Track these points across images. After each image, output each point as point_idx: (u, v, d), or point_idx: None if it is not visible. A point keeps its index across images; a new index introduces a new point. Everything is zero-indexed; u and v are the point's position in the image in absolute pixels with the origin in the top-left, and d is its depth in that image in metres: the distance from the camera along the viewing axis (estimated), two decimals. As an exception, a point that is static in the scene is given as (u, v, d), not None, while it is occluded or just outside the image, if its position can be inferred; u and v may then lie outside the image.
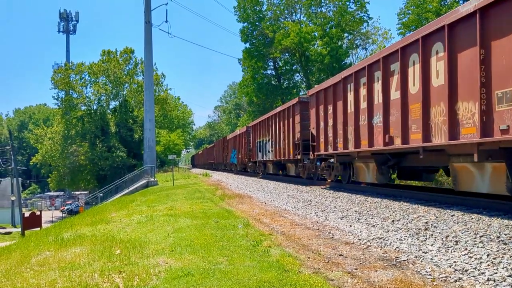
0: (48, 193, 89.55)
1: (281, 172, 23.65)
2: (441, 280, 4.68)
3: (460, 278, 4.66)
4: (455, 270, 4.94)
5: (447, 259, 5.33)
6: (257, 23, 47.98)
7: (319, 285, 4.65)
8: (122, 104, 52.74)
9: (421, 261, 5.43)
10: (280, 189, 16.94)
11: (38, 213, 36.42)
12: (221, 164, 45.33)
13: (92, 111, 53.18)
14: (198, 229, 8.67)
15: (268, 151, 23.16)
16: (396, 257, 5.72)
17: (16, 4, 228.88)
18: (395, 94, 10.06)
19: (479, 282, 4.49)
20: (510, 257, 5.04)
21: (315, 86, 16.74)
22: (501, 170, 7.39)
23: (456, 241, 6.02)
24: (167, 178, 34.10)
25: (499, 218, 7.06)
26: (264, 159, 24.38)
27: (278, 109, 21.44)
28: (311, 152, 16.22)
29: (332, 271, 5.19)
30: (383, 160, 11.71)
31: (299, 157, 17.70)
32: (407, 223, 7.59)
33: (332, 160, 14.89)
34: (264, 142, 24.25)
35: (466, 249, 5.60)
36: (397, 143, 9.89)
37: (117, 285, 5.18)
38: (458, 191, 9.22)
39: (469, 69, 7.49)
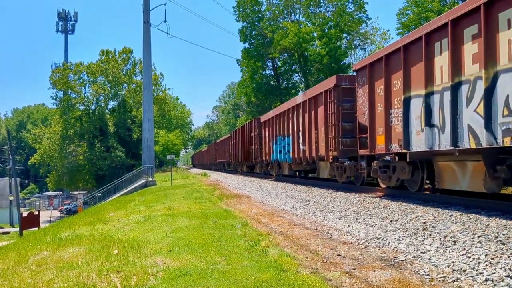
0: (47, 193, 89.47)
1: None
2: (439, 280, 4.68)
3: (458, 278, 4.66)
4: (453, 270, 4.94)
5: (445, 259, 5.32)
6: (256, 23, 47.97)
7: (317, 285, 4.64)
8: (120, 104, 52.69)
9: (419, 261, 5.42)
10: (278, 189, 16.92)
11: (36, 213, 36.28)
12: (243, 164, 32.22)
13: (91, 111, 53.10)
14: (196, 229, 8.66)
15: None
16: (394, 257, 5.72)
17: (14, 4, 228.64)
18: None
19: (477, 282, 4.49)
20: (508, 257, 5.04)
21: None
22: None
23: (454, 241, 6.02)
24: (165, 178, 34.06)
25: (497, 218, 7.06)
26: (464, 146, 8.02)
27: None
28: None
29: (330, 271, 5.18)
30: None
31: None
32: (405, 223, 7.59)
33: None
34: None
35: (464, 249, 5.60)
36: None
37: (114, 285, 5.16)
38: (459, 191, 9.27)
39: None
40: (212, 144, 56.99)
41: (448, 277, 4.72)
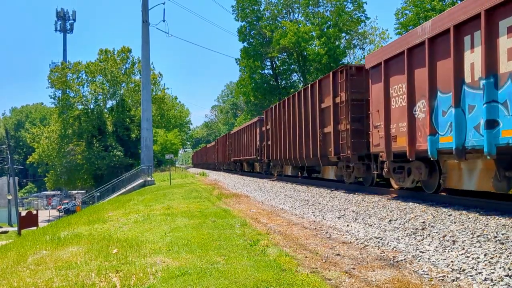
0: (45, 192, 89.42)
1: None
2: (439, 280, 4.68)
3: (457, 278, 4.66)
4: (453, 269, 4.94)
5: (445, 259, 5.33)
6: (255, 23, 47.99)
7: (317, 285, 4.64)
8: (119, 104, 52.60)
9: (419, 261, 5.43)
10: (277, 188, 16.92)
11: (34, 212, 36.29)
12: (289, 163, 19.19)
13: (89, 110, 53.04)
14: (195, 228, 8.65)
15: None
16: (393, 256, 5.72)
17: (13, 3, 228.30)
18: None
19: (477, 282, 4.49)
20: (507, 256, 5.05)
21: None
22: None
23: (453, 241, 6.02)
24: (164, 178, 34.03)
25: (496, 218, 7.07)
26: None
27: None
28: None
29: (329, 271, 5.18)
30: None
31: None
32: (404, 223, 7.59)
33: None
34: None
35: (463, 248, 5.60)
36: None
37: (114, 285, 5.15)
38: (457, 191, 9.31)
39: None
40: (224, 136, 42.52)
41: (447, 277, 4.73)
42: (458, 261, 5.15)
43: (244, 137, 30.65)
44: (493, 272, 4.66)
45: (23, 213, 36.17)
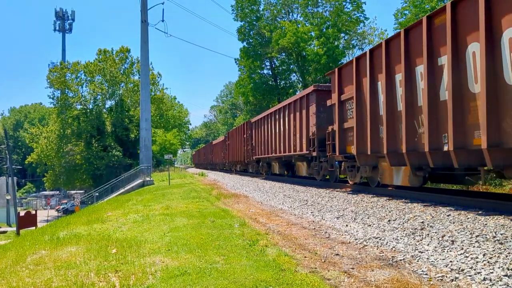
0: (44, 192, 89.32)
1: None
2: (438, 280, 4.69)
3: (456, 278, 4.67)
4: (452, 269, 4.95)
5: (443, 259, 5.34)
6: (254, 23, 48.00)
7: (316, 285, 4.65)
8: (118, 104, 52.63)
9: (418, 261, 5.43)
10: (276, 188, 16.92)
11: (33, 212, 36.22)
12: None
13: (88, 110, 53.05)
14: (194, 228, 8.65)
15: None
16: (392, 256, 5.73)
17: (12, 3, 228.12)
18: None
19: (475, 282, 4.50)
20: (506, 256, 5.06)
21: None
22: None
23: (452, 241, 6.03)
24: (163, 178, 34.03)
25: (495, 218, 7.08)
26: None
27: None
28: None
29: (328, 271, 5.19)
30: None
31: None
32: (403, 223, 7.60)
33: None
34: None
35: (462, 248, 5.61)
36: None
37: (113, 284, 5.15)
38: (456, 191, 9.32)
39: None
40: (240, 127, 31.55)
41: (446, 277, 4.74)
42: (457, 261, 5.16)
43: (280, 123, 20.40)
44: (492, 272, 4.66)
45: (22, 213, 36.12)
